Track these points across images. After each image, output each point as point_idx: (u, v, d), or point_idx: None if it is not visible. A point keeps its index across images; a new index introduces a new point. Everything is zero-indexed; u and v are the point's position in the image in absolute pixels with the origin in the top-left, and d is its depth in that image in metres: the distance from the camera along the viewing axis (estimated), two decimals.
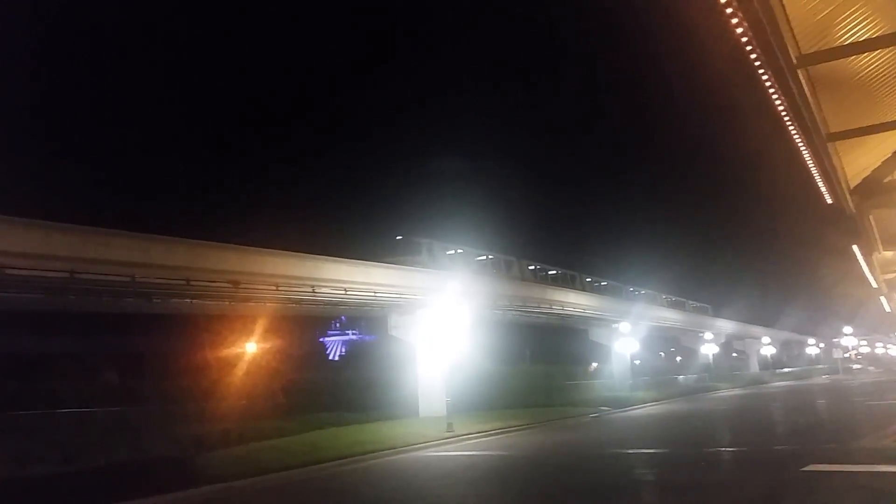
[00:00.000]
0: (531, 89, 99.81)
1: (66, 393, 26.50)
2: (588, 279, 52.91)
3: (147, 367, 32.96)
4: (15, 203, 19.55)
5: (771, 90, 11.25)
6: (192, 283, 22.53)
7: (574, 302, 45.19)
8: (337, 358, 66.56)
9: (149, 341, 34.31)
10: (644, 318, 51.57)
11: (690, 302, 71.49)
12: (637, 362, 52.40)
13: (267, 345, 32.17)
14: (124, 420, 24.63)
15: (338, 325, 74.69)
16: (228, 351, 30.98)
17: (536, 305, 40.58)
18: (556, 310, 42.80)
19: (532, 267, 45.77)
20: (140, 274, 20.99)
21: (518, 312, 39.83)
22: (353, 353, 61.80)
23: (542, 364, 45.41)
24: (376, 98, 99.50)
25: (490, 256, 42.12)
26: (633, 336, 48.35)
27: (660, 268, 74.97)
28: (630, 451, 19.52)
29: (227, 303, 25.95)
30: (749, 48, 9.77)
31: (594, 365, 56.30)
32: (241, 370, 30.38)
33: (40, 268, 18.82)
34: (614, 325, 48.35)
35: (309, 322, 45.73)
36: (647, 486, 13.59)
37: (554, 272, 48.50)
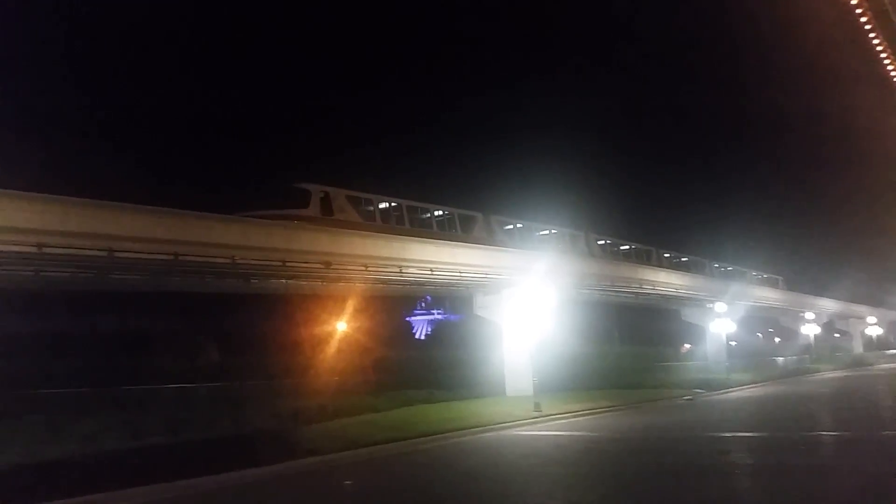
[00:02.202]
0: (608, 56, 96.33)
1: (171, 369, 28.08)
2: (684, 258, 51.50)
3: (246, 345, 34.39)
4: (122, 188, 20.81)
5: (882, 55, 10.52)
6: (288, 264, 23.37)
7: (665, 281, 44.05)
8: (423, 337, 67.43)
9: (247, 320, 35.69)
10: (741, 298, 49.69)
11: (781, 279, 68.19)
12: (733, 343, 50.62)
13: (357, 323, 33.01)
14: (226, 395, 25.91)
15: (423, 304, 75.67)
16: (321, 329, 32.00)
17: (625, 285, 39.81)
18: (647, 289, 41.85)
19: (626, 247, 44.98)
20: (240, 256, 21.97)
21: (606, 292, 39.16)
22: (439, 333, 62.39)
23: (632, 344, 44.61)
24: (454, 74, 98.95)
25: (605, 241, 41.46)
26: (729, 316, 46.63)
27: (759, 246, 71.72)
28: (726, 434, 18.97)
29: (319, 283, 26.71)
30: (859, 11, 9.16)
31: (687, 346, 54.81)
32: (333, 348, 31.37)
33: (146, 251, 19.93)
34: (709, 305, 46.76)
35: (395, 302, 46.43)
36: (744, 469, 13.20)
37: (666, 254, 47.53)
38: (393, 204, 31.06)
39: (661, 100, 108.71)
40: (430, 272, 28.11)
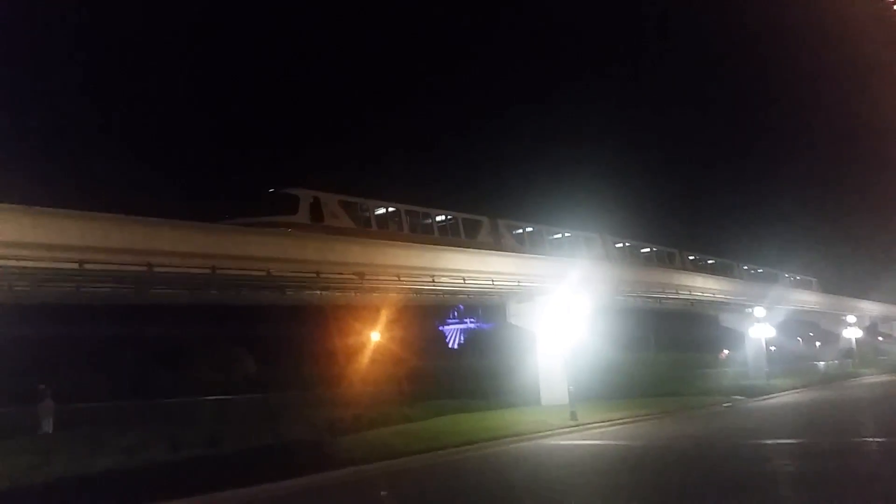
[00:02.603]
0: (630, 52, 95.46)
1: (209, 381, 28.54)
2: (710, 260, 50.76)
3: (281, 356, 34.76)
4: (157, 203, 21.24)
5: None
6: (322, 275, 23.56)
7: (702, 286, 43.38)
8: (456, 346, 67.34)
9: (282, 331, 36.04)
10: (780, 302, 48.70)
11: (815, 281, 66.56)
12: (773, 348, 49.58)
13: (390, 333, 33.17)
14: (263, 406, 26.20)
15: (455, 313, 75.47)
16: (355, 339, 32.22)
17: (661, 291, 39.31)
18: (684, 295, 41.25)
19: (646, 250, 44.51)
20: (275, 268, 22.20)
21: (642, 298, 38.71)
22: (472, 341, 62.27)
23: (669, 351, 44.02)
24: (456, 74, 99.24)
25: (623, 244, 41.08)
26: (768, 321, 45.67)
27: (791, 247, 70.43)
28: (768, 442, 18.60)
29: (352, 294, 26.85)
30: None
31: (726, 352, 53.89)
32: (367, 358, 31.57)
33: (185, 265, 20.26)
34: (748, 310, 45.91)
35: (428, 311, 46.52)
36: (787, 478, 12.92)
37: (691, 256, 46.95)
38: (390, 209, 29.37)
39: (688, 97, 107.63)
40: (462, 281, 28.10)
